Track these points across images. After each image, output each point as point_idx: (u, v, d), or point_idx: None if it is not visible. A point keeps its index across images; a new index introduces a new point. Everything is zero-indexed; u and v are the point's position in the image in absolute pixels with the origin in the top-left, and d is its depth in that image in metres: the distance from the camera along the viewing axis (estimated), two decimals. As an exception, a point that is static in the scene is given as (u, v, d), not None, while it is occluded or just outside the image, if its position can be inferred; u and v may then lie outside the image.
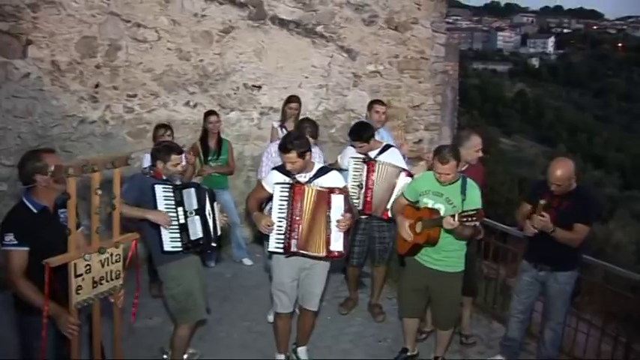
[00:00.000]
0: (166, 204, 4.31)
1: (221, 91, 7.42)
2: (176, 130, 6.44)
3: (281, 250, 4.41)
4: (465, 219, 3.98)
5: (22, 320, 3.55)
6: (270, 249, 4.47)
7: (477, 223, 4.10)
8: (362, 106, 7.89)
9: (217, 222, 4.55)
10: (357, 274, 6.06)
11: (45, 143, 6.25)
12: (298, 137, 4.43)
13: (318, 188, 4.34)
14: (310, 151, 4.41)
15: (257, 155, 7.33)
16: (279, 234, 4.39)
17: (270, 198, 4.51)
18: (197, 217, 4.41)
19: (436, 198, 4.40)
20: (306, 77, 7.81)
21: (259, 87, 7.61)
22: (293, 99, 6.64)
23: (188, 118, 7.25)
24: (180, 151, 4.54)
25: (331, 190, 4.33)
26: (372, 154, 5.42)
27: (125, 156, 3.46)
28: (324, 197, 4.32)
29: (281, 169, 4.51)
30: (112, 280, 3.52)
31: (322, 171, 4.51)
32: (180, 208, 4.35)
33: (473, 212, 3.97)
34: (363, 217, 5.49)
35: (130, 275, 3.64)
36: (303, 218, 4.34)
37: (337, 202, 4.32)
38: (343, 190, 4.36)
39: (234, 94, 7.52)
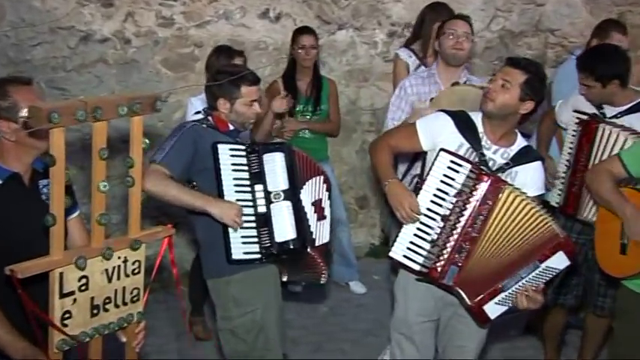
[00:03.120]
0: (237, 178, 4.37)
1: (322, -7, 7.35)
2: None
3: (417, 268, 4.39)
4: None
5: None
6: (393, 253, 4.45)
7: None
8: (570, 24, 7.60)
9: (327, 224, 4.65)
10: (562, 325, 5.93)
11: (21, 73, 6.13)
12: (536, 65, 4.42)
13: (535, 208, 4.25)
14: (541, 103, 4.42)
15: (381, 107, 7.24)
16: (424, 235, 4.38)
17: (418, 157, 4.55)
18: (286, 204, 4.45)
19: None
20: (472, -29, 7.61)
21: (388, -12, 7.47)
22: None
23: (265, 38, 7.35)
24: (256, 80, 4.64)
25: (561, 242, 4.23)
26: (610, 111, 5.24)
27: (153, 96, 3.36)
28: (551, 243, 4.25)
29: (460, 117, 4.47)
30: (124, 304, 3.50)
31: (526, 154, 4.48)
32: (259, 187, 4.41)
33: None
34: (564, 216, 5.43)
35: (157, 297, 3.62)
36: (483, 235, 4.30)
37: (559, 262, 4.25)
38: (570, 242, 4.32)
39: (345, -1, 7.41)
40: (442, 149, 4.37)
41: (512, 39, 7.88)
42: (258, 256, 4.39)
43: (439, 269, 4.35)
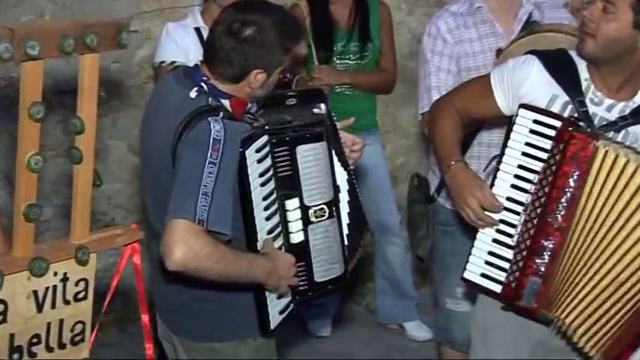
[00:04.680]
0: (266, 197, 3.69)
1: None
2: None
3: (498, 290, 3.95)
4: None
5: None
6: (468, 274, 4.09)
7: None
8: None
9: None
10: None
11: None
12: None
13: None
14: None
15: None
16: (507, 239, 3.90)
17: (494, 122, 4.36)
18: (331, 225, 3.87)
19: None
20: None
21: None
22: None
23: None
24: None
25: None
26: None
27: (115, 23, 3.16)
28: None
29: (553, 57, 3.91)
30: (61, 346, 3.29)
31: None
32: (292, 202, 3.76)
33: None
34: None
35: (107, 336, 3.08)
36: (574, 225, 3.75)
37: None
38: None
39: None
40: (522, 105, 3.88)
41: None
42: (291, 307, 3.83)
43: (513, 284, 3.87)
